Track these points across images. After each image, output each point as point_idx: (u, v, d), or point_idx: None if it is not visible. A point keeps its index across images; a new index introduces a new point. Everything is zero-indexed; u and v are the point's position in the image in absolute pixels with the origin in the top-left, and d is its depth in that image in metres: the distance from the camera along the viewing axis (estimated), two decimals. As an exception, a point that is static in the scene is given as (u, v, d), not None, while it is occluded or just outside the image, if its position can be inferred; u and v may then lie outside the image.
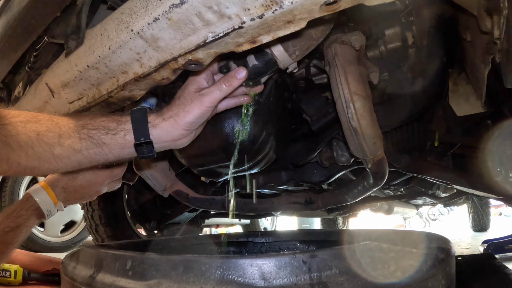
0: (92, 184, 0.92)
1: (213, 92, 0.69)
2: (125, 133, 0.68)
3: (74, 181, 0.91)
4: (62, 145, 0.66)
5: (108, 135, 0.67)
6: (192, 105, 0.69)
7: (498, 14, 0.59)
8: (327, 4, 0.51)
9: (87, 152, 0.68)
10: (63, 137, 0.66)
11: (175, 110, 0.69)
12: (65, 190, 0.90)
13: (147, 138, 0.68)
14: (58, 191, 0.89)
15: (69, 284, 0.64)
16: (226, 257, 0.49)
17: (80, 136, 0.67)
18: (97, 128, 0.68)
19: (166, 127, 0.69)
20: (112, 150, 0.69)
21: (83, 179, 0.91)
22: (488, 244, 2.43)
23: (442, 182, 1.24)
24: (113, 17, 0.65)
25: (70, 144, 0.66)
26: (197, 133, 0.76)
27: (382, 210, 3.04)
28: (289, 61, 0.72)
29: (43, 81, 0.81)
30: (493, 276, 1.22)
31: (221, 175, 1.09)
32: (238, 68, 0.71)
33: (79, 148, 0.67)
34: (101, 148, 0.68)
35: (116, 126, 0.68)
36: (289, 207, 1.34)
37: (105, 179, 0.94)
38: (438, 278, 0.54)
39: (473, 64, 0.85)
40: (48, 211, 0.88)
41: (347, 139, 0.86)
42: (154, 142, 0.69)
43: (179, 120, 0.68)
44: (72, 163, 0.69)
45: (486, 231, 4.50)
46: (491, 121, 1.08)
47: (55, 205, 0.89)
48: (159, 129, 0.69)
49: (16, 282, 1.50)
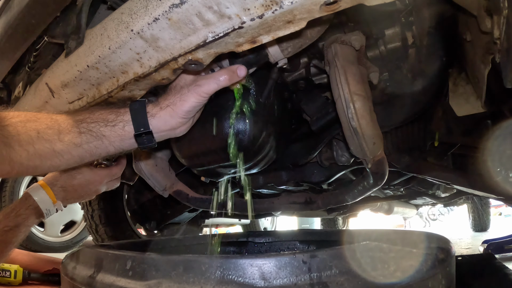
0: (91, 183, 0.93)
1: (210, 84, 0.69)
2: (124, 124, 0.69)
3: (73, 180, 0.91)
4: (63, 141, 0.66)
5: (107, 127, 0.68)
6: (189, 95, 0.69)
7: (498, 14, 0.59)
8: (327, 4, 0.51)
9: (87, 146, 0.68)
10: (63, 133, 0.66)
11: (172, 99, 0.69)
12: (64, 189, 0.90)
13: (147, 128, 0.69)
14: (57, 190, 0.89)
15: (69, 284, 0.64)
16: (226, 257, 0.49)
17: (80, 130, 0.67)
18: (96, 121, 0.68)
19: (164, 116, 0.69)
20: (112, 142, 0.69)
21: (82, 178, 0.91)
22: (488, 244, 2.43)
23: (442, 182, 1.24)
24: (113, 17, 0.65)
25: (70, 139, 0.66)
26: (194, 121, 0.76)
27: (382, 210, 3.04)
28: (280, 56, 0.73)
29: (43, 81, 0.81)
30: (493, 276, 1.22)
31: (221, 175, 1.09)
32: (240, 66, 0.71)
33: (79, 143, 0.67)
34: (101, 140, 0.68)
35: (115, 117, 0.69)
36: (289, 207, 1.34)
37: (104, 178, 0.95)
38: (438, 278, 0.54)
39: (473, 64, 0.85)
40: (47, 210, 0.88)
41: (347, 139, 0.86)
42: (154, 132, 0.70)
43: (176, 109, 0.69)
44: (74, 158, 0.69)
45: (486, 231, 4.50)
46: (491, 121, 1.08)
47: (54, 204, 0.89)
48: (158, 118, 0.69)
49: (16, 282, 1.50)
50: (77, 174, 0.91)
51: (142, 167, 1.16)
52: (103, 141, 0.68)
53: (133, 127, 0.69)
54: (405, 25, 0.95)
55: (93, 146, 0.68)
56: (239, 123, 0.89)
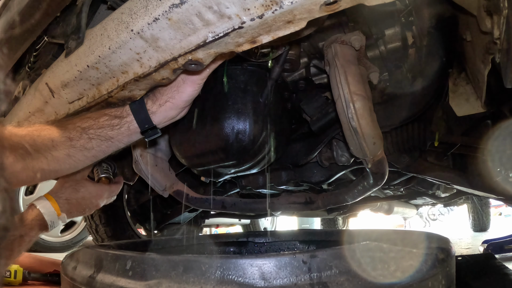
0: (93, 196, 0.99)
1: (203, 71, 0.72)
2: (129, 125, 0.75)
3: (77, 193, 0.96)
4: (75, 147, 0.73)
5: (113, 130, 0.75)
6: (185, 85, 0.73)
7: (498, 14, 0.59)
8: (327, 4, 0.51)
9: (99, 148, 0.75)
10: (74, 140, 0.73)
11: (169, 93, 0.74)
12: (68, 201, 0.94)
13: (151, 125, 0.75)
14: (62, 203, 0.93)
15: (69, 284, 0.64)
16: (226, 257, 0.49)
17: (89, 136, 0.74)
18: (102, 127, 0.74)
19: (164, 111, 0.75)
20: (121, 140, 0.76)
21: (85, 192, 0.97)
22: (488, 244, 2.43)
23: (442, 182, 1.24)
24: (113, 17, 0.65)
25: (82, 144, 0.73)
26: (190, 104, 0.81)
27: (382, 210, 3.04)
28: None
29: (43, 81, 0.81)
30: (493, 276, 1.22)
31: (221, 175, 1.09)
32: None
33: (91, 147, 0.74)
34: (110, 141, 0.75)
35: (119, 122, 0.75)
36: (289, 207, 1.34)
37: (104, 192, 1.02)
38: (438, 278, 0.54)
39: (473, 64, 0.85)
40: (52, 222, 0.90)
41: (347, 139, 0.86)
42: (156, 124, 0.76)
43: (175, 102, 0.74)
44: (88, 158, 0.77)
45: (486, 231, 4.50)
46: (491, 121, 1.08)
47: (59, 216, 0.91)
48: (159, 114, 0.75)
49: (16, 282, 1.50)
50: (80, 187, 0.96)
51: (142, 167, 1.16)
52: (112, 142, 0.75)
53: (138, 126, 0.75)
54: (405, 25, 0.95)
55: (104, 147, 0.75)
56: (239, 123, 0.89)
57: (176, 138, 1.02)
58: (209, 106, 0.94)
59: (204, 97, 0.83)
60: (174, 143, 1.03)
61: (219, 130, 0.90)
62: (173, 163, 1.28)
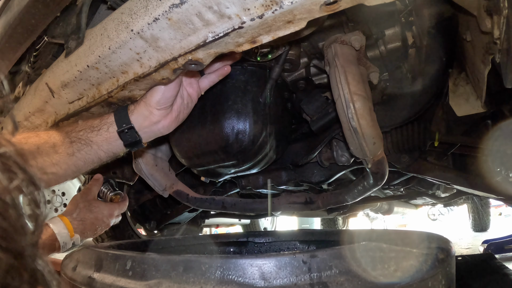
0: (105, 215, 1.00)
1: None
2: (108, 126, 0.74)
3: (90, 213, 0.97)
4: (58, 152, 0.71)
5: (93, 132, 0.73)
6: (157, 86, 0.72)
7: (498, 14, 0.59)
8: (327, 4, 0.51)
9: (79, 153, 0.72)
10: (57, 145, 0.71)
11: (145, 94, 0.74)
12: (82, 222, 0.94)
13: (128, 124, 0.73)
14: (76, 224, 0.93)
15: (69, 284, 0.64)
16: (226, 257, 0.49)
17: (71, 139, 0.72)
18: (83, 128, 0.73)
19: (140, 110, 0.74)
20: (100, 145, 0.74)
21: (98, 212, 0.98)
22: (488, 244, 2.43)
23: (442, 182, 1.24)
24: (113, 17, 0.65)
25: (64, 150, 0.71)
26: (181, 117, 0.79)
27: (382, 210, 3.04)
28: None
29: (43, 81, 0.81)
30: (493, 276, 1.22)
31: (221, 175, 1.09)
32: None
33: (72, 152, 0.72)
34: (90, 146, 0.73)
35: (99, 122, 0.74)
36: (289, 207, 1.34)
37: (115, 211, 1.04)
38: (438, 278, 0.54)
39: (473, 64, 0.85)
40: (64, 243, 0.89)
41: (347, 139, 0.86)
42: (136, 128, 0.74)
43: (148, 101, 0.73)
44: (70, 167, 0.73)
45: (486, 231, 4.49)
46: (491, 121, 1.08)
47: (71, 238, 0.90)
48: (136, 113, 0.74)
49: (16, 282, 1.50)
50: (94, 208, 0.98)
51: (142, 167, 1.16)
52: (92, 147, 0.73)
53: (116, 125, 0.73)
54: (405, 25, 0.95)
55: (84, 153, 0.73)
56: (239, 123, 0.89)
57: (176, 138, 1.02)
58: (209, 106, 0.94)
59: (204, 97, 0.83)
60: (174, 143, 1.03)
61: (219, 130, 0.90)
62: (173, 163, 1.28)
